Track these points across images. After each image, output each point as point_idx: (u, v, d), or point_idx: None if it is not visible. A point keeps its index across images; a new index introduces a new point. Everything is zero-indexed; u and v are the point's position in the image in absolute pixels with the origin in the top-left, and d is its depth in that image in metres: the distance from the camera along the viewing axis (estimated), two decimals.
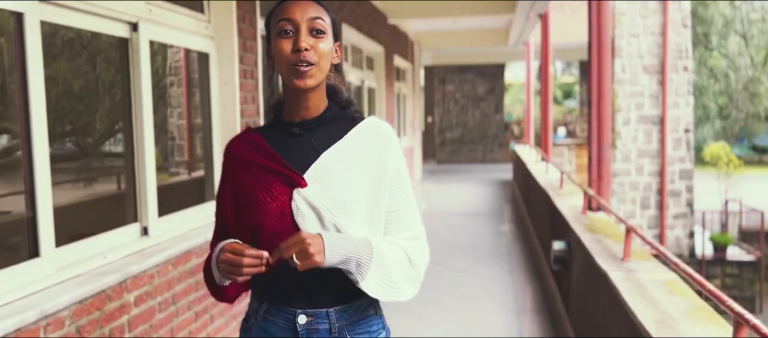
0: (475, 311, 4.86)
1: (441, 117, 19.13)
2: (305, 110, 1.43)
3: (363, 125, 1.46)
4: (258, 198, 1.39)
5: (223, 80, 3.68)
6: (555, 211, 5.16)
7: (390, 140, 1.46)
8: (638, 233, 3.10)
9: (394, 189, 1.44)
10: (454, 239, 7.56)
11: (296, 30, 1.36)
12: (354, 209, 1.38)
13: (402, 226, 1.46)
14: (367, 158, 1.42)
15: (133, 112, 2.95)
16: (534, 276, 5.95)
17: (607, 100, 4.70)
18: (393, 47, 10.19)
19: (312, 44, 1.36)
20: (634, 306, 2.51)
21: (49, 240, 2.32)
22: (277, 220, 1.38)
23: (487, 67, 18.67)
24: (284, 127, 1.46)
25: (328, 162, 1.40)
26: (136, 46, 2.89)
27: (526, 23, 10.02)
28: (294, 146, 1.43)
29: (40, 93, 2.28)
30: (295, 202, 1.37)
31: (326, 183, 1.38)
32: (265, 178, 1.40)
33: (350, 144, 1.43)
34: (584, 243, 3.68)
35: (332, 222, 1.37)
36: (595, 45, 4.69)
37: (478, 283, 5.65)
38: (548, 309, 4.95)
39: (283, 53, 1.36)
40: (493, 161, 18.76)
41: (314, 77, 1.37)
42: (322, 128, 1.45)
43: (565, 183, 6.28)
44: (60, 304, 2.17)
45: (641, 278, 2.88)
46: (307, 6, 1.38)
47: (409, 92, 12.83)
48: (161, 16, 3.08)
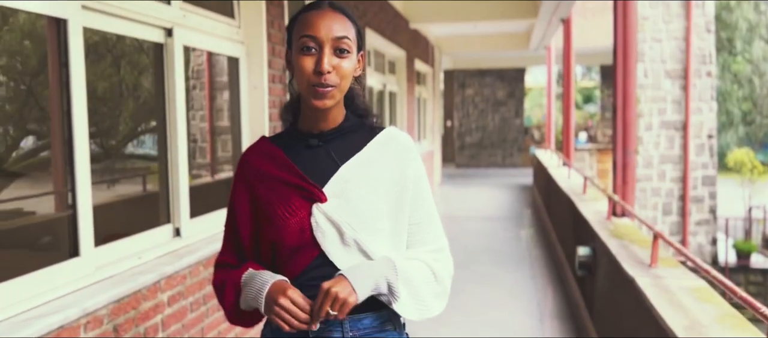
0: (498, 315, 4.86)
1: (460, 121, 19.11)
2: (323, 122, 1.40)
3: (382, 136, 1.43)
4: (276, 213, 1.35)
5: (252, 84, 3.74)
6: (579, 217, 5.15)
7: (410, 151, 1.43)
8: (666, 239, 3.10)
9: (415, 201, 1.42)
10: (474, 243, 7.56)
11: (319, 48, 1.31)
12: (376, 224, 1.35)
13: (424, 239, 1.43)
14: (388, 170, 1.39)
15: (167, 116, 3.01)
16: (556, 281, 5.93)
17: (632, 106, 4.68)
18: (414, 51, 10.23)
19: (335, 65, 1.31)
20: (663, 312, 2.51)
21: (88, 240, 2.39)
22: (296, 236, 1.34)
23: (507, 71, 18.62)
24: (301, 138, 1.41)
25: (348, 175, 1.36)
26: (170, 50, 2.96)
27: (548, 27, 10.00)
28: (312, 158, 1.39)
29: (81, 96, 2.35)
30: (314, 218, 1.34)
31: (346, 197, 1.35)
32: (284, 192, 1.36)
33: (370, 156, 1.39)
34: (610, 249, 3.68)
35: (353, 238, 1.33)
36: (620, 50, 4.68)
37: (501, 287, 5.65)
38: (572, 314, 4.94)
39: (304, 71, 1.31)
40: (513, 165, 18.69)
41: (334, 98, 1.33)
42: (341, 139, 1.41)
43: (588, 188, 6.26)
44: (99, 303, 2.23)
45: (669, 284, 2.88)
46: (333, 22, 1.32)
47: (430, 96, 12.85)
48: (194, 21, 3.14)
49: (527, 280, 5.93)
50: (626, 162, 4.72)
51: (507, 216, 9.76)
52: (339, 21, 1.33)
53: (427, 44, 12.07)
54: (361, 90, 1.50)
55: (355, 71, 1.39)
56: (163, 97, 3.00)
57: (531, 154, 15.35)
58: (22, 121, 4.68)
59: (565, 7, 8.24)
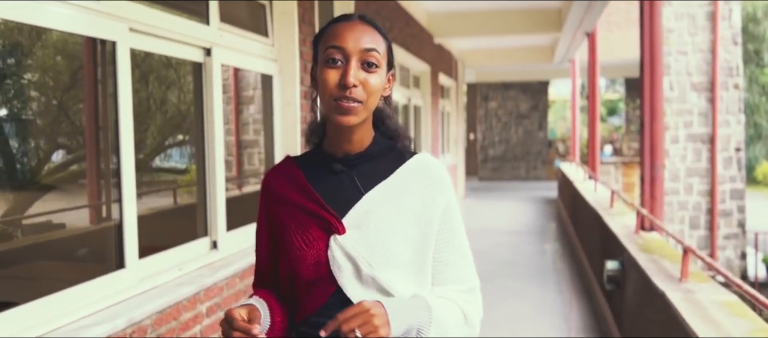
0: (524, 330, 4.87)
1: (483, 134, 19.11)
2: (348, 144, 1.29)
3: (411, 163, 1.31)
4: (293, 243, 1.26)
5: (285, 101, 3.84)
6: (606, 231, 5.15)
7: (441, 182, 1.31)
8: (697, 253, 3.11)
9: (444, 235, 1.30)
10: (499, 256, 7.57)
11: (346, 60, 1.21)
12: (396, 261, 1.24)
13: (455, 277, 1.32)
14: (414, 202, 1.27)
15: (204, 131, 3.11)
16: (583, 295, 5.92)
17: (659, 120, 4.69)
18: (438, 66, 10.30)
19: (362, 79, 1.21)
20: (695, 326, 2.52)
21: (133, 252, 2.48)
22: (312, 269, 1.24)
23: (531, 84, 18.60)
24: (325, 161, 1.31)
25: (370, 205, 1.26)
26: (209, 69, 3.07)
27: (573, 41, 10.01)
28: (335, 184, 1.29)
29: (128, 113, 2.45)
30: (331, 251, 1.23)
31: (366, 230, 1.24)
32: (302, 220, 1.27)
33: (396, 185, 1.28)
34: (639, 263, 3.68)
35: (370, 275, 1.23)
36: (647, 65, 4.69)
37: (526, 302, 5.65)
38: (599, 328, 4.93)
39: (328, 84, 1.20)
40: (537, 178, 18.61)
41: (359, 115, 1.22)
42: (367, 164, 1.30)
43: (615, 202, 6.25)
44: (144, 313, 2.32)
45: (700, 298, 2.89)
46: (361, 33, 1.23)
47: (453, 109, 12.91)
48: (231, 40, 3.25)
49: (553, 294, 5.92)
50: (654, 176, 4.72)
51: (531, 229, 9.74)
52: (368, 33, 1.24)
53: (451, 58, 12.14)
54: (392, 111, 1.39)
55: (384, 90, 1.29)
56: (201, 113, 3.10)
57: (556, 167, 15.28)
58: (53, 135, 4.82)
59: (589, 21, 8.25)
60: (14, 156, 4.19)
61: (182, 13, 3.11)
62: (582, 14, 7.79)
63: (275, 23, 3.81)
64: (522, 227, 9.96)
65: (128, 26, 2.43)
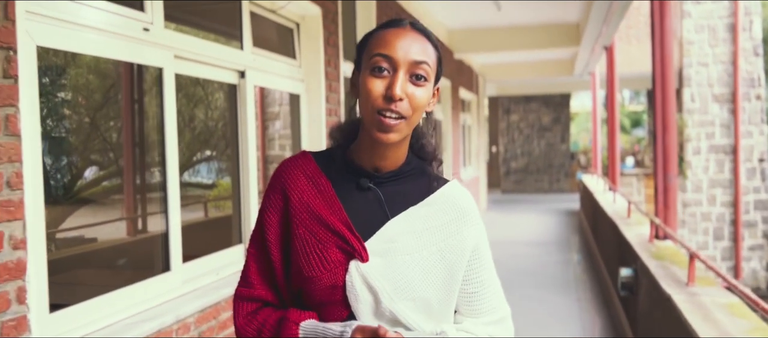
0: (545, 335, 5.03)
1: (505, 147, 19.23)
2: (381, 160, 1.19)
3: (442, 193, 1.23)
4: (310, 263, 1.14)
5: (311, 118, 4.11)
6: (622, 240, 5.30)
7: (471, 215, 1.24)
8: (700, 258, 3.27)
9: (473, 267, 1.24)
10: (519, 266, 7.72)
11: (393, 71, 1.12)
12: (419, 294, 1.16)
13: (483, 309, 1.26)
14: (442, 235, 1.19)
15: (239, 147, 3.39)
16: (602, 304, 6.05)
17: (672, 131, 4.84)
18: (458, 80, 10.53)
19: (409, 93, 1.12)
20: (696, 325, 2.70)
21: (177, 257, 2.75)
22: (326, 293, 1.15)
23: (552, 97, 18.70)
24: (353, 172, 1.21)
25: (395, 233, 1.17)
26: (243, 90, 3.34)
27: (592, 55, 10.16)
28: (361, 201, 1.19)
29: (173, 131, 2.72)
30: (350, 277, 1.14)
31: (390, 260, 1.15)
32: (322, 237, 1.15)
33: (424, 214, 1.20)
34: (650, 269, 3.85)
35: (390, 308, 1.14)
36: (659, 75, 4.84)
37: (546, 311, 5.81)
38: (616, 334, 5.07)
39: (372, 94, 1.11)
40: (560, 191, 18.65)
41: (401, 132, 1.13)
42: (397, 184, 1.21)
43: (632, 212, 6.39)
44: (188, 312, 2.58)
45: (704, 301, 3.05)
46: (413, 42, 1.14)
47: (474, 123, 13.10)
48: (263, 63, 3.52)
49: (572, 303, 6.07)
50: (668, 186, 4.87)
51: (553, 240, 9.86)
52: (420, 42, 1.15)
53: (472, 72, 12.36)
54: (431, 128, 1.30)
55: (429, 104, 1.19)
56: (236, 131, 3.38)
57: (578, 180, 15.34)
58: (86, 152, 5.10)
59: (607, 35, 8.42)
60: (48, 172, 4.36)
61: (219, 39, 3.40)
62: (599, 29, 7.96)
63: (302, 46, 4.08)
64: (543, 238, 10.09)
65: (173, 54, 2.72)
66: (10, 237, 1.81)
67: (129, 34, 2.45)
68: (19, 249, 1.84)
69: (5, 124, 1.80)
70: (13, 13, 1.82)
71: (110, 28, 2.35)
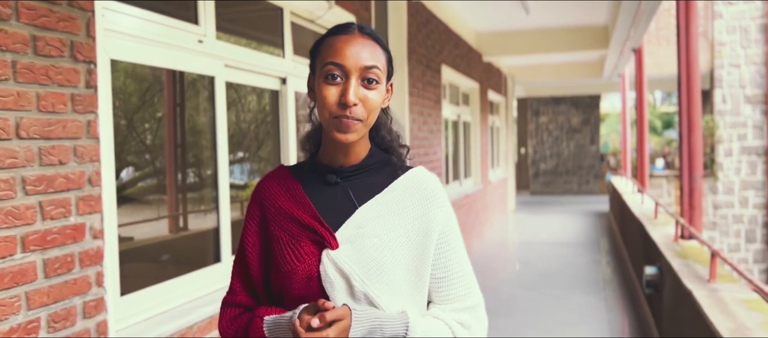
0: (571, 333, 5.17)
1: (534, 148, 19.25)
2: (344, 157, 1.27)
3: (406, 178, 1.29)
4: (285, 257, 1.22)
5: None
6: (648, 239, 5.41)
7: (436, 197, 1.28)
8: (721, 255, 3.40)
9: (442, 252, 1.27)
10: (548, 268, 7.84)
11: (345, 78, 1.19)
12: (389, 277, 1.21)
13: (453, 295, 1.28)
14: (409, 218, 1.25)
15: (281, 148, 3.62)
16: (628, 302, 6.16)
17: (697, 132, 4.94)
18: (487, 83, 10.68)
19: (362, 97, 1.19)
20: (714, 318, 2.84)
21: (227, 249, 2.99)
22: (303, 285, 1.21)
23: (582, 98, 18.66)
24: (320, 172, 1.29)
25: (363, 219, 1.24)
26: (284, 95, 3.58)
27: (621, 57, 10.21)
28: (330, 196, 1.27)
29: (224, 134, 2.97)
30: (323, 266, 1.21)
31: (359, 245, 1.21)
32: (294, 233, 1.24)
33: (390, 199, 1.26)
34: (673, 267, 3.98)
35: (363, 291, 1.20)
36: (684, 76, 4.94)
37: (573, 309, 5.94)
38: (641, 331, 5.19)
39: (327, 101, 1.18)
40: (589, 192, 18.60)
41: (358, 132, 1.20)
42: (362, 177, 1.28)
43: (659, 213, 6.47)
44: None
45: (723, 296, 3.19)
46: (362, 49, 1.20)
47: (503, 124, 13.21)
48: (302, 70, 3.76)
49: (600, 302, 6.18)
50: (693, 187, 4.97)
51: (581, 242, 9.94)
52: (369, 48, 1.21)
53: (500, 75, 12.48)
54: (389, 121, 1.37)
55: (384, 103, 1.28)
56: (278, 133, 3.62)
57: (607, 181, 15.32)
58: (123, 153, 5.41)
59: (635, 38, 8.48)
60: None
61: (263, 48, 3.64)
62: (627, 31, 8.04)
63: None
64: (571, 239, 10.16)
65: (224, 63, 2.96)
66: (90, 228, 2.06)
67: (185, 45, 2.70)
68: (97, 238, 2.09)
69: (87, 129, 2.05)
70: (93, 31, 2.08)
71: (169, 40, 2.60)
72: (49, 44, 1.91)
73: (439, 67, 7.08)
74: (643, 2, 6.50)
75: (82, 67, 2.03)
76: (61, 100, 1.95)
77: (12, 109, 1.79)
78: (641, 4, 6.60)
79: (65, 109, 1.97)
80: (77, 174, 2.01)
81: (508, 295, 6.42)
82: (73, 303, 1.99)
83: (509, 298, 6.29)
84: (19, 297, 1.81)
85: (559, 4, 7.76)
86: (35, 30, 1.86)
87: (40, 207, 1.88)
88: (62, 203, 1.96)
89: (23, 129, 1.83)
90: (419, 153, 6.17)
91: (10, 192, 1.79)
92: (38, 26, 1.87)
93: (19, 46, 1.81)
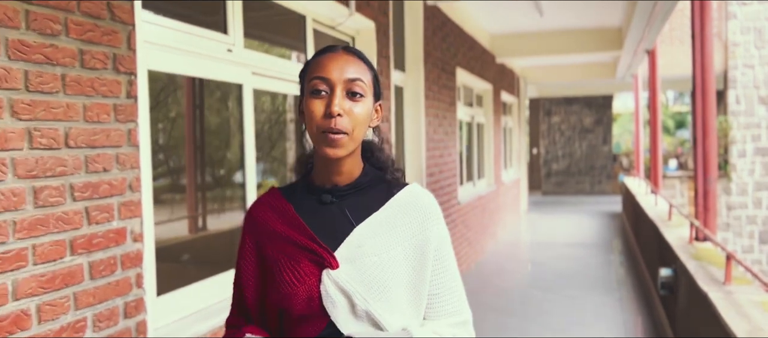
0: (585, 334, 5.23)
1: (546, 148, 19.26)
2: (337, 176, 1.28)
3: (401, 196, 1.31)
4: (284, 279, 1.24)
5: None
6: (662, 241, 5.46)
7: (431, 214, 1.31)
8: (736, 258, 3.46)
9: (437, 269, 1.30)
10: (562, 268, 7.89)
11: (331, 91, 1.22)
12: (390, 294, 1.24)
13: (445, 311, 1.31)
14: (406, 235, 1.28)
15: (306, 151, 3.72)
16: (643, 303, 6.21)
17: (712, 134, 4.98)
18: (500, 84, 10.73)
19: (347, 109, 1.21)
20: (730, 320, 2.90)
21: None
22: (304, 305, 1.23)
23: (594, 99, 18.65)
24: (314, 192, 1.30)
25: (362, 238, 1.25)
26: None
27: (634, 58, 10.23)
28: (326, 216, 1.28)
29: (251, 137, 3.07)
30: (324, 286, 1.22)
31: (359, 264, 1.23)
32: (293, 255, 1.25)
33: (386, 217, 1.28)
34: (689, 269, 4.03)
35: (365, 310, 1.22)
36: (699, 78, 4.97)
37: (588, 309, 6.00)
38: (656, 332, 5.24)
39: (314, 116, 1.21)
40: (601, 193, 18.58)
41: (345, 147, 1.22)
42: (357, 195, 1.29)
43: (673, 215, 6.51)
44: None
45: (739, 298, 3.24)
46: (346, 63, 1.24)
47: (515, 125, 13.26)
48: None
49: (614, 303, 6.24)
50: (707, 189, 5.02)
51: (594, 243, 9.97)
52: (353, 63, 1.25)
53: (513, 76, 12.53)
54: (381, 142, 1.39)
55: (372, 120, 1.29)
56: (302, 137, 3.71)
57: (620, 182, 15.32)
58: None
59: (649, 39, 8.51)
60: None
61: (288, 54, 3.74)
62: (641, 33, 8.07)
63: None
64: (584, 240, 10.20)
65: (251, 71, 3.06)
66: (131, 232, 2.17)
67: (216, 55, 2.80)
68: (138, 241, 2.19)
69: (128, 137, 2.16)
70: (134, 43, 2.18)
71: (201, 50, 2.69)
72: (94, 57, 2.01)
73: (453, 70, 7.15)
74: (658, 2, 6.52)
75: (124, 78, 2.13)
76: (105, 111, 2.05)
77: (62, 120, 1.89)
78: (657, 5, 6.63)
79: (108, 118, 2.07)
80: (119, 181, 2.12)
81: (522, 295, 6.49)
82: (116, 304, 2.10)
83: (524, 298, 6.36)
84: (68, 297, 1.91)
85: (573, 5, 7.80)
86: (82, 44, 1.96)
87: (87, 212, 1.98)
88: (106, 208, 2.06)
89: (72, 138, 1.93)
90: (435, 155, 6.25)
91: (60, 199, 1.89)
92: (85, 40, 1.97)
93: (68, 60, 1.91)
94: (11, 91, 1.74)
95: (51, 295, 1.85)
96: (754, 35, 11.64)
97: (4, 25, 1.71)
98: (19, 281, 1.76)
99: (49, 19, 1.84)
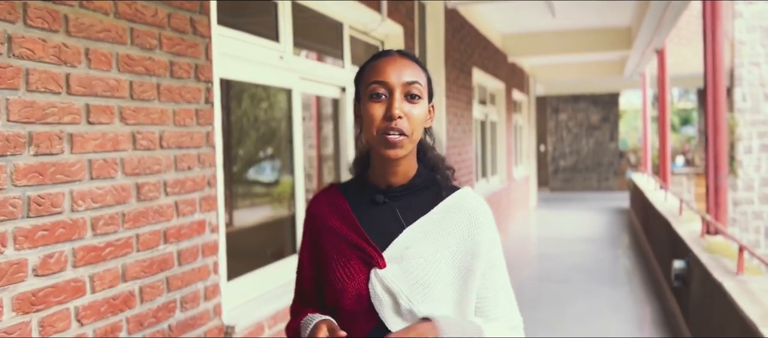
0: (599, 324, 5.48)
1: (554, 145, 19.47)
2: (392, 176, 1.32)
3: (452, 199, 1.34)
4: (335, 275, 1.30)
5: None
6: (675, 235, 5.69)
7: (482, 219, 1.33)
8: (748, 248, 3.69)
9: (486, 274, 1.32)
10: (573, 261, 8.13)
11: (390, 94, 1.26)
12: (435, 296, 1.27)
13: (497, 314, 1.34)
14: (455, 239, 1.30)
15: (340, 151, 3.97)
16: (654, 294, 6.44)
17: (722, 132, 5.19)
18: (512, 82, 10.96)
19: (406, 111, 1.26)
20: (744, 306, 3.14)
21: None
22: (354, 301, 1.28)
23: (601, 96, 18.85)
24: (369, 191, 1.35)
25: (410, 240, 1.29)
26: (343, 103, 3.92)
27: (643, 58, 10.44)
28: (377, 216, 1.32)
29: (299, 138, 3.31)
30: (371, 284, 1.27)
31: (406, 265, 1.27)
32: (345, 252, 1.30)
33: (436, 220, 1.31)
34: (702, 261, 4.27)
35: (408, 309, 1.25)
36: (710, 77, 5.17)
37: (600, 301, 6.24)
38: (668, 322, 5.48)
39: (374, 119, 1.25)
40: (608, 189, 18.80)
41: (405, 147, 1.26)
42: (410, 196, 1.34)
43: (684, 210, 6.74)
44: None
45: (752, 287, 3.48)
46: (403, 67, 1.28)
47: (525, 122, 13.49)
48: None
49: (625, 294, 6.48)
50: (718, 185, 5.25)
51: (604, 237, 10.20)
52: (409, 66, 1.29)
53: (524, 74, 12.76)
54: (433, 142, 1.43)
55: (426, 121, 1.33)
56: (338, 138, 3.96)
57: (627, 178, 15.54)
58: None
59: (659, 40, 8.72)
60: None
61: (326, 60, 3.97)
62: (651, 33, 8.28)
63: None
64: (594, 235, 10.43)
65: (299, 76, 3.31)
66: (209, 224, 2.42)
67: (270, 62, 3.05)
68: (214, 232, 2.44)
69: (207, 139, 2.40)
70: (211, 54, 2.42)
71: (259, 58, 2.94)
72: (181, 68, 2.26)
73: (470, 70, 7.39)
74: (671, 3, 6.71)
75: (203, 85, 2.38)
76: (189, 115, 2.30)
77: (157, 124, 2.14)
78: (669, 5, 6.82)
79: (192, 122, 2.32)
80: (200, 178, 2.37)
81: (535, 288, 6.73)
82: (198, 288, 2.35)
83: (537, 291, 6.60)
84: (163, 281, 2.17)
85: (584, 5, 8.02)
86: (172, 56, 2.21)
87: (176, 206, 2.24)
88: (190, 202, 2.31)
89: (164, 140, 2.18)
90: (454, 153, 6.49)
91: (156, 194, 2.14)
92: (174, 53, 2.22)
93: (161, 71, 2.16)
94: (120, 100, 1.98)
95: (150, 279, 2.10)
96: (761, 34, 11.83)
97: (116, 42, 1.96)
98: (127, 265, 2.01)
99: (148, 35, 2.09)
